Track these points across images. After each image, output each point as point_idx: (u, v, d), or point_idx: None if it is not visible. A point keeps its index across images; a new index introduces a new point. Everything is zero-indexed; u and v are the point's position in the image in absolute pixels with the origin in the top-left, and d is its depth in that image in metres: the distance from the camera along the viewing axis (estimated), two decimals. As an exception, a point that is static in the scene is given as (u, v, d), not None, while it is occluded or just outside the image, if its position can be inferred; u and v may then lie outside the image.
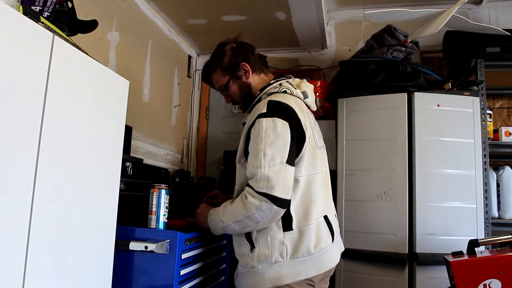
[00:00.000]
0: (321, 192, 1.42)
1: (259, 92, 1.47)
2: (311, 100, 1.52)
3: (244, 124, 1.45)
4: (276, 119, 1.30)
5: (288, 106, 1.34)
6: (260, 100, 1.44)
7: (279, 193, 1.23)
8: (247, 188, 1.28)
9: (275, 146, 1.27)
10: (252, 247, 1.33)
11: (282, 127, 1.30)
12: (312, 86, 1.57)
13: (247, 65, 1.50)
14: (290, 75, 1.56)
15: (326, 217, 1.40)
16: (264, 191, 1.23)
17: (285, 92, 1.42)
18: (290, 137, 1.30)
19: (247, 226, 1.29)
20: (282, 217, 1.31)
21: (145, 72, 2.54)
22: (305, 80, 1.57)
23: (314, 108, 1.56)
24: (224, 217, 1.34)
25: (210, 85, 1.64)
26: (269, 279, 1.30)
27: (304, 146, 1.35)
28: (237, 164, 1.44)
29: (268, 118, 1.30)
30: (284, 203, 1.25)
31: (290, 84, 1.48)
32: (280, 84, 1.46)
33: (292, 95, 1.43)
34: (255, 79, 1.52)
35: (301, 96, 1.46)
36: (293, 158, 1.31)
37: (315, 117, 1.60)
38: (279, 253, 1.30)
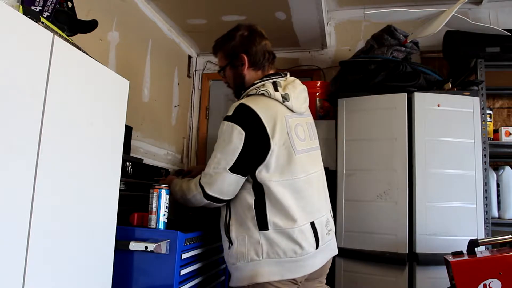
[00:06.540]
0: (306, 197, 1.39)
1: (243, 92, 1.49)
2: (294, 102, 1.44)
3: None
4: (235, 125, 1.34)
5: (255, 114, 1.34)
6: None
7: (212, 192, 1.37)
8: (198, 176, 1.44)
9: (225, 151, 1.35)
10: (231, 244, 1.38)
11: (237, 136, 1.33)
12: (301, 88, 1.51)
13: (246, 58, 1.49)
14: (286, 73, 1.54)
15: (312, 224, 1.37)
16: (203, 185, 1.39)
17: (262, 94, 1.41)
18: (242, 147, 1.33)
19: (188, 202, 1.48)
20: (257, 216, 1.34)
21: (145, 72, 2.54)
22: (296, 80, 1.52)
23: (299, 110, 1.46)
24: (177, 188, 1.52)
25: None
26: (246, 276, 1.33)
27: (269, 153, 1.33)
28: None
29: (229, 122, 1.36)
30: (217, 200, 1.39)
31: (276, 84, 1.44)
32: (263, 85, 1.44)
33: (270, 97, 1.41)
34: (250, 74, 1.51)
35: (280, 99, 1.41)
36: (241, 166, 1.34)
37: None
38: (255, 252, 1.32)
